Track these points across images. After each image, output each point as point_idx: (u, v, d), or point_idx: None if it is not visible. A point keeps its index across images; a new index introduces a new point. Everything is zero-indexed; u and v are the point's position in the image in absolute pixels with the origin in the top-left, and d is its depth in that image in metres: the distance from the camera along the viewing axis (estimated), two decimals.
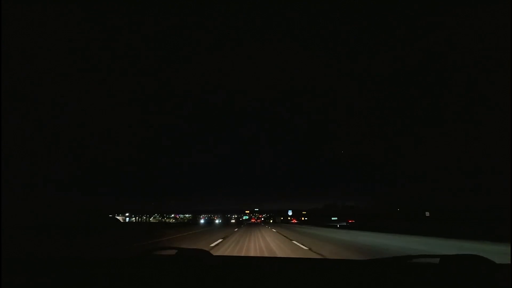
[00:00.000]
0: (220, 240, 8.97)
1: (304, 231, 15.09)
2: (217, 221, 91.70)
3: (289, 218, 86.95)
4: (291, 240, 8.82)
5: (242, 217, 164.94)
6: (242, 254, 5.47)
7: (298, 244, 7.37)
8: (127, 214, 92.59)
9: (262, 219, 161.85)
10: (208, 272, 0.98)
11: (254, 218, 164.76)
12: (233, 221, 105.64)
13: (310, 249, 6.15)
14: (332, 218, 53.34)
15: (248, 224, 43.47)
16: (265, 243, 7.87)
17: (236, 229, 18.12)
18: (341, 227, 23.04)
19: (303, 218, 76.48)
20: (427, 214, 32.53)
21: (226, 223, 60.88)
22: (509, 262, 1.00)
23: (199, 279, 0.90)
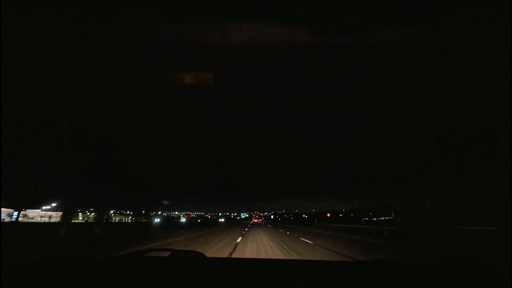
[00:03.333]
0: None
1: None
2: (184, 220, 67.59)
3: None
4: None
5: (239, 215, 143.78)
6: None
7: None
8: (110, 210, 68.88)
9: (263, 218, 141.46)
10: (202, 273, 0.98)
11: (255, 217, 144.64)
12: (222, 220, 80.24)
13: None
14: None
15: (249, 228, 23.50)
16: None
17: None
18: None
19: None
20: None
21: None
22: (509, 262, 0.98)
23: (193, 280, 0.90)
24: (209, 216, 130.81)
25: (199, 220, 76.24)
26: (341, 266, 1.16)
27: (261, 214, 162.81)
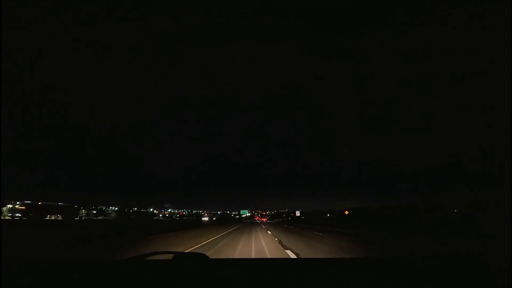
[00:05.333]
0: None
1: None
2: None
3: None
4: None
5: (240, 214, 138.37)
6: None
7: None
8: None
9: (267, 218, 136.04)
10: (205, 274, 0.99)
11: (258, 216, 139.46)
12: (206, 219, 72.94)
13: None
14: None
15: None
16: None
17: None
18: None
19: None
20: None
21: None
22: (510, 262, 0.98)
23: (197, 281, 0.91)
24: (206, 214, 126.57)
25: (179, 218, 66.63)
26: (342, 264, 1.18)
27: (264, 213, 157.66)
